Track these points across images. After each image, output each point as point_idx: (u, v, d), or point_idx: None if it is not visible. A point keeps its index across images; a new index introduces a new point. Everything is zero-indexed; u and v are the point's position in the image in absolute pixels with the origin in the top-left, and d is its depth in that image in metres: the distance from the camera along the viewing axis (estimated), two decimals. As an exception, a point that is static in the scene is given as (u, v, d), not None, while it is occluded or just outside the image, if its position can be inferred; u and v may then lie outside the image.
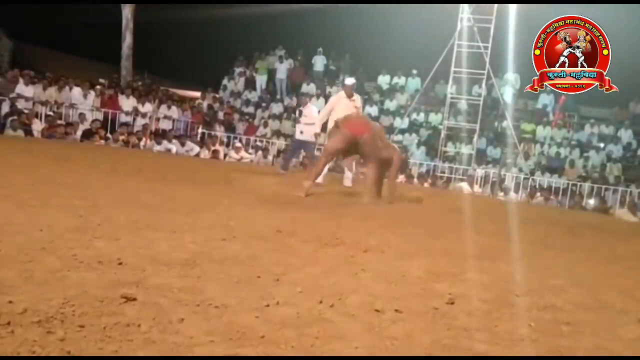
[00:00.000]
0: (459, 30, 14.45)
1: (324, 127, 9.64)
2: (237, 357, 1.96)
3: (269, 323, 2.28)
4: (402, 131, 16.48)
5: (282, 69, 18.77)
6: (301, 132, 10.33)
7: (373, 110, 17.88)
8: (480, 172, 14.06)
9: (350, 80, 9.37)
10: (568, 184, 13.49)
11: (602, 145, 16.13)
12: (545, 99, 17.18)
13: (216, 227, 4.23)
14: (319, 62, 19.12)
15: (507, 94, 16.69)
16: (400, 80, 18.56)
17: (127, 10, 17.63)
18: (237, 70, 19.29)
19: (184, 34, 21.79)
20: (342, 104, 8.96)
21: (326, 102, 17.99)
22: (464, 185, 12.98)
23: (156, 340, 2.01)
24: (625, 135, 16.18)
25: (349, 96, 9.08)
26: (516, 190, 13.49)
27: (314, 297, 2.70)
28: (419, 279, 3.39)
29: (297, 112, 10.16)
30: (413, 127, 17.09)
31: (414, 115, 17.45)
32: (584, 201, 12.79)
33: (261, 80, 18.98)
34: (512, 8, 14.06)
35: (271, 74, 19.07)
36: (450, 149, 15.63)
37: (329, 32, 20.24)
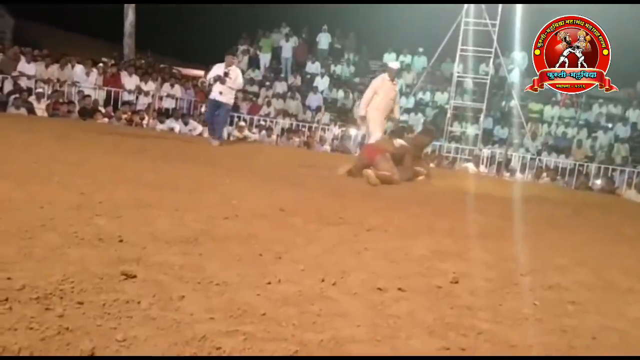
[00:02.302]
0: (466, 7, 14.21)
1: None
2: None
3: (270, 300, 2.26)
4: (408, 110, 16.36)
5: (288, 48, 18.60)
6: (220, 93, 9.95)
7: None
8: (486, 152, 13.96)
9: (395, 64, 9.56)
10: (575, 164, 13.39)
11: (610, 125, 15.98)
12: (552, 79, 16.97)
13: (218, 205, 4.20)
14: (323, 40, 18.93)
15: (515, 73, 16.50)
16: (406, 59, 18.37)
17: (129, -13, 17.47)
18: (241, 48, 19.10)
19: (187, 11, 21.63)
20: (385, 87, 8.94)
21: (331, 80, 18.00)
22: (470, 166, 12.89)
23: (156, 317, 1.99)
24: (634, 115, 16.02)
25: (392, 79, 9.07)
26: (522, 171, 13.41)
27: (316, 275, 2.67)
28: (422, 257, 3.36)
29: (223, 73, 9.89)
30: (419, 107, 16.97)
31: (420, 95, 17.31)
32: (590, 182, 12.70)
33: (265, 58, 18.81)
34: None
35: (275, 52, 18.89)
36: (456, 128, 15.51)
37: (334, 9, 20.02)
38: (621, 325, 2.50)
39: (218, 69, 10.02)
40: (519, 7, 13.85)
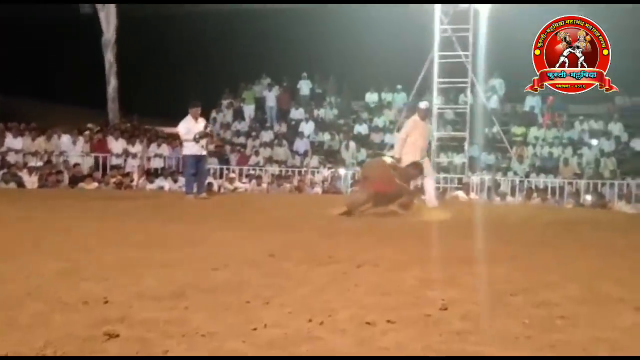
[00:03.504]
0: (437, 41, 14.58)
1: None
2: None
3: (255, 346, 2.25)
4: (393, 146, 16.49)
5: (271, 97, 18.95)
6: (202, 147, 10.09)
7: (363, 128, 17.98)
8: (475, 179, 14.05)
9: (424, 104, 9.50)
10: (564, 182, 13.49)
11: (593, 141, 16.17)
12: (531, 101, 17.29)
13: (208, 257, 4.20)
14: (304, 87, 19.29)
15: (493, 99, 16.80)
16: (387, 96, 18.70)
17: (109, 55, 17.83)
18: (224, 102, 19.41)
19: (168, 71, 22.03)
20: (418, 128, 8.97)
21: (316, 124, 18.23)
22: (460, 194, 12.96)
23: (140, 374, 1.98)
24: (615, 128, 16.25)
25: (424, 119, 9.12)
26: (512, 194, 13.48)
27: (304, 316, 2.66)
28: (412, 288, 3.36)
29: (205, 128, 10.20)
30: (404, 142, 17.11)
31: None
32: (581, 198, 12.76)
33: (249, 109, 19.10)
34: (485, 14, 14.21)
35: (258, 102, 19.21)
36: (443, 159, 15.64)
37: (311, 56, 20.44)
38: (612, 336, 2.49)
39: (189, 124, 10.04)
40: (489, 36, 14.21)
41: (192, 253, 4.39)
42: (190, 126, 9.99)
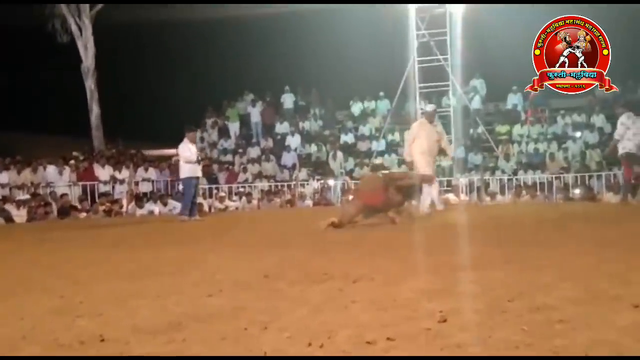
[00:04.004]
0: (416, 47, 14.69)
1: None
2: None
3: (256, 376, 2.22)
4: (381, 153, 16.58)
5: (256, 113, 18.98)
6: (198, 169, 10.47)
7: (349, 137, 18.03)
8: (463, 180, 14.12)
9: (430, 107, 9.64)
10: (552, 177, 13.58)
11: (577, 134, 16.33)
12: (513, 99, 17.44)
13: (201, 283, 4.17)
14: (288, 100, 19.35)
15: (476, 100, 16.92)
16: (370, 104, 18.79)
17: (89, 82, 17.77)
18: (209, 121, 19.40)
19: (149, 94, 22.01)
20: (424, 130, 9.02)
21: (302, 138, 18.26)
22: (451, 196, 13.01)
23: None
24: (598, 120, 16.42)
25: (430, 122, 9.15)
26: (502, 193, 13.55)
27: (303, 340, 2.64)
28: (409, 300, 3.34)
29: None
30: (391, 148, 17.21)
31: (390, 136, 17.59)
32: (570, 192, 12.86)
33: (234, 127, 19.11)
34: (460, 16, 14.37)
35: (243, 119, 19.22)
36: (429, 162, 15.67)
37: (292, 69, 20.54)
38: (611, 337, 2.49)
39: (189, 146, 10.29)
40: (466, 37, 14.36)
41: (186, 280, 4.35)
42: (191, 148, 10.31)
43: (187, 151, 10.26)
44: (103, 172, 14.25)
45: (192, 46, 21.71)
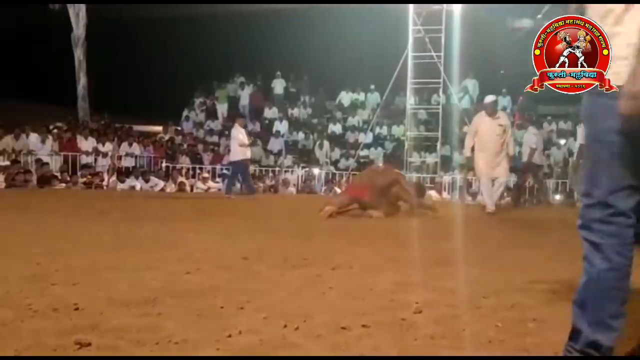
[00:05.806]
0: (410, 42, 14.68)
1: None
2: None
3: (229, 353, 2.22)
4: (368, 146, 16.60)
5: (245, 95, 18.83)
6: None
7: (337, 127, 18.02)
8: (447, 178, 14.21)
9: (489, 98, 9.05)
10: (533, 182, 13.69)
11: (562, 141, 16.49)
12: (502, 101, 17.50)
13: (181, 261, 4.15)
14: (278, 86, 19.23)
15: (465, 100, 16.99)
16: (360, 96, 18.77)
17: (78, 52, 17.49)
18: (197, 100, 19.23)
19: (139, 69, 21.73)
20: (485, 124, 8.64)
21: (290, 125, 18.20)
22: (433, 193, 13.08)
23: (112, 384, 1.94)
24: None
25: (491, 115, 8.66)
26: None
27: (279, 321, 2.65)
28: (386, 291, 3.36)
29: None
30: (378, 141, 17.24)
31: (378, 129, 17.61)
32: (550, 197, 13.01)
33: (222, 108, 18.96)
34: (458, 14, 14.38)
35: (232, 101, 19.07)
36: (415, 158, 15.77)
37: (286, 55, 20.41)
38: (582, 337, 2.53)
39: (239, 131, 11.39)
40: (462, 37, 14.37)
41: (164, 256, 4.32)
42: (243, 132, 11.50)
43: (239, 135, 11.23)
44: (86, 144, 14.08)
45: (187, 27, 21.46)
